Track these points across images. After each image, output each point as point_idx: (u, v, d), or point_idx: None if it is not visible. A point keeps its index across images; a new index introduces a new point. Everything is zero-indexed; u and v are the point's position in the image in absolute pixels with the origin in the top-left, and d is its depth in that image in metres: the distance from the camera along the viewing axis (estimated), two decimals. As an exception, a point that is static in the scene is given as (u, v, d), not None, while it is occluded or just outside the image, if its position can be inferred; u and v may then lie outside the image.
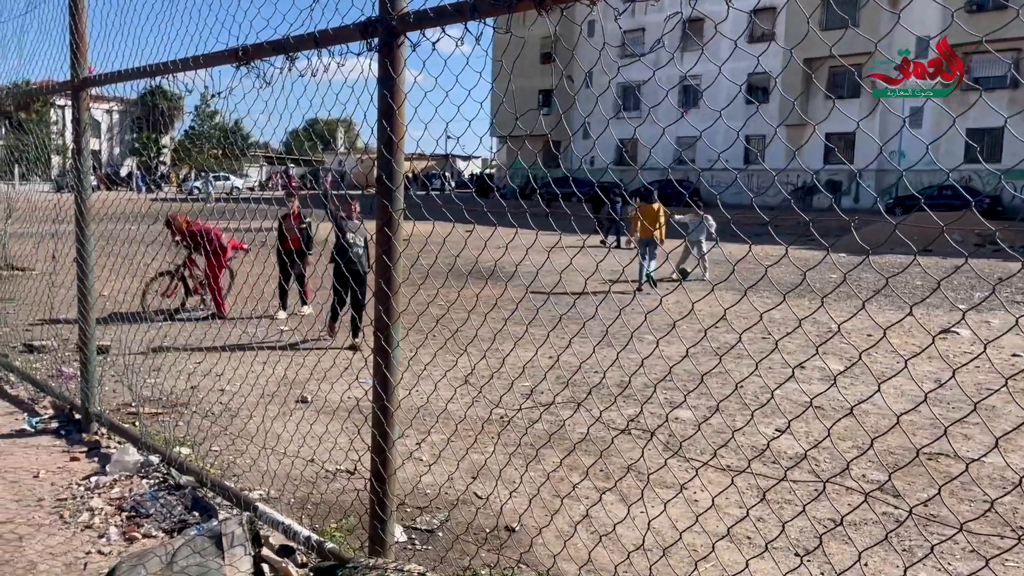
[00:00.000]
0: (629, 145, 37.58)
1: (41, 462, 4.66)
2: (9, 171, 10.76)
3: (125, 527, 3.81)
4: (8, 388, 6.17)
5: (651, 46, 4.80)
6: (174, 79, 4.44)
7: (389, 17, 2.90)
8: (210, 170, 37.94)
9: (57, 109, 28.48)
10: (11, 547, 3.59)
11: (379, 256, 3.09)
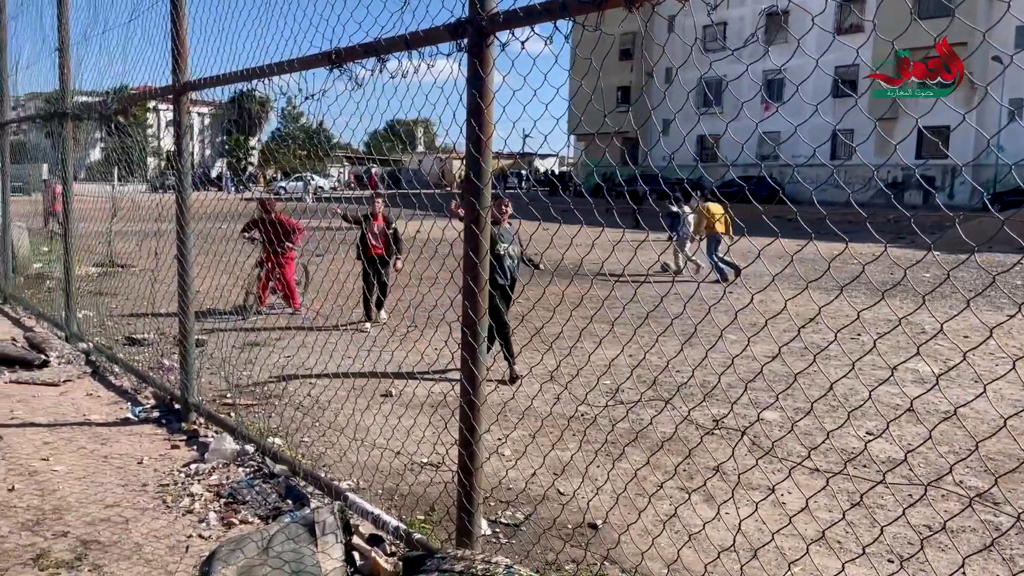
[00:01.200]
0: (711, 142, 36.96)
1: (144, 449, 4.91)
2: (109, 173, 11.33)
3: (223, 512, 3.98)
4: (113, 379, 6.50)
5: (746, 40, 4.80)
6: (269, 82, 4.60)
7: (479, 17, 2.94)
8: (295, 171, 39.06)
9: (152, 113, 29.74)
10: (118, 529, 3.79)
11: (466, 252, 3.14)
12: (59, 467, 4.55)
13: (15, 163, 11.97)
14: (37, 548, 3.56)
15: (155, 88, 5.43)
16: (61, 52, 7.10)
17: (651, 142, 34.21)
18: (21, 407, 5.69)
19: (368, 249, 8.99)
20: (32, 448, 4.86)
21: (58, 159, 8.24)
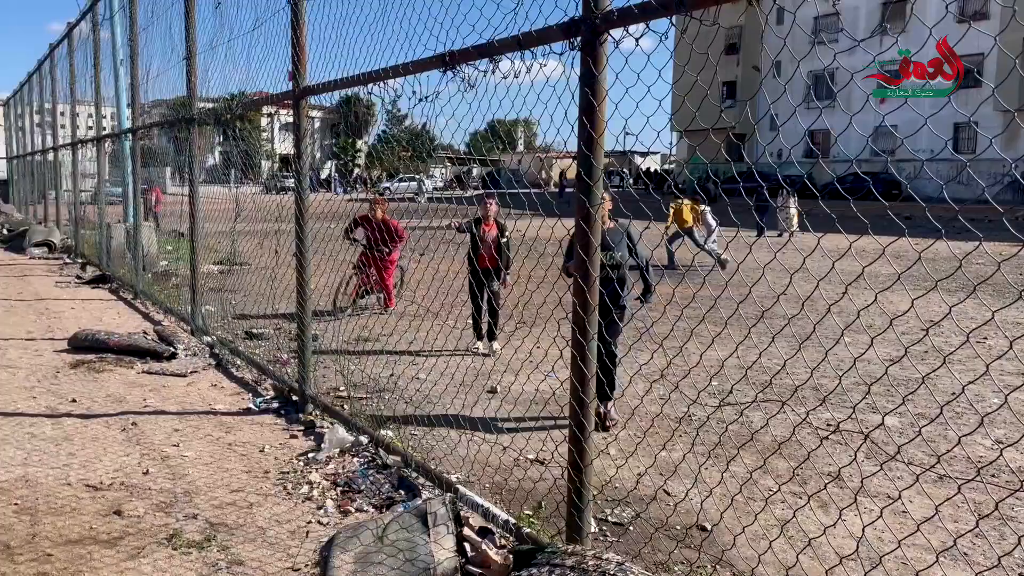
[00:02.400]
0: (820, 136, 35.69)
1: (265, 438, 5.15)
2: (225, 175, 11.92)
3: (339, 501, 4.13)
4: (235, 371, 6.85)
5: (872, 31, 4.51)
6: (384, 86, 4.74)
7: (592, 15, 2.95)
8: (398, 172, 40.04)
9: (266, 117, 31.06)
10: (243, 513, 4.00)
11: (577, 250, 3.15)
12: (188, 453, 4.83)
13: (143, 167, 12.76)
14: (170, 528, 3.79)
15: (271, 94, 5.70)
16: (188, 60, 7.52)
17: (757, 138, 33.30)
18: (153, 396, 6.07)
19: (478, 258, 7.66)
20: (163, 435, 5.18)
21: (184, 162, 8.73)
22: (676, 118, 3.26)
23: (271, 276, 6.69)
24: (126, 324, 8.82)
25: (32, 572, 3.35)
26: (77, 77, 14.74)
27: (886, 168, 29.32)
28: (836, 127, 28.46)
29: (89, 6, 12.48)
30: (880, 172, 27.71)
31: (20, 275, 13.26)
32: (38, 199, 23.13)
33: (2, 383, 6.30)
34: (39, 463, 4.62)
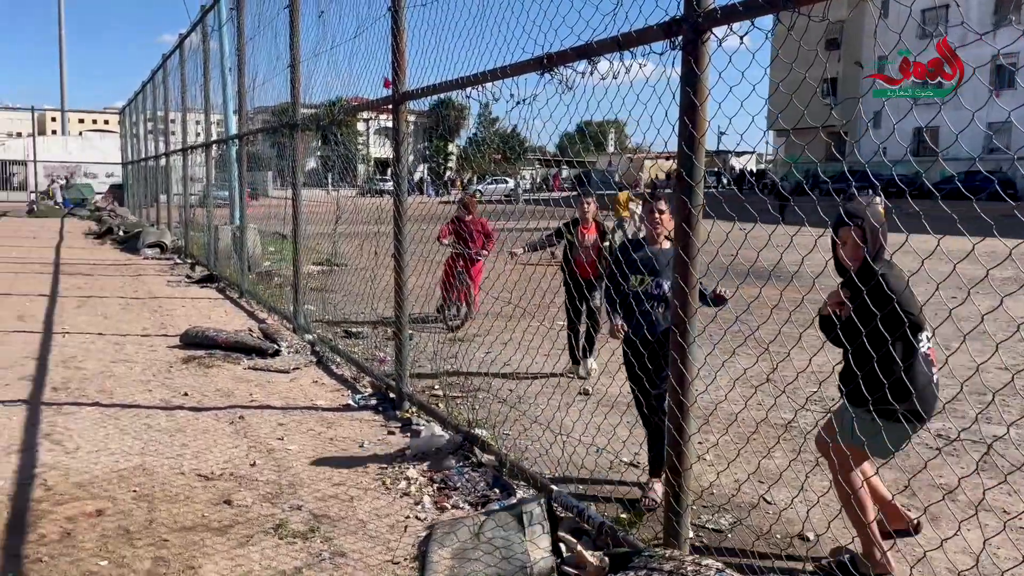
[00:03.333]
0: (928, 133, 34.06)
1: (364, 434, 5.29)
2: (324, 179, 12.29)
3: (436, 497, 4.21)
4: (335, 368, 7.06)
5: (997, 22, 4.17)
6: (481, 89, 4.80)
7: (695, 14, 2.92)
8: (488, 174, 40.44)
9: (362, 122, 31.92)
10: (344, 506, 4.12)
11: (678, 252, 3.12)
12: (292, 446, 5.02)
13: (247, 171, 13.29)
14: (276, 518, 3.94)
15: (371, 99, 5.86)
16: (292, 68, 7.81)
17: (859, 135, 32.09)
18: (258, 391, 6.32)
19: (574, 269, 6.59)
20: (269, 428, 5.39)
21: (287, 167, 9.06)
22: (773, 117, 3.18)
23: (371, 277, 6.87)
24: (233, 322, 9.22)
25: (150, 556, 3.54)
26: (188, 85, 15.50)
27: (999, 166, 27.80)
28: (944, 123, 27.06)
29: (200, 17, 13.11)
30: (994, 171, 26.28)
31: (135, 274, 14.03)
32: (150, 202, 24.41)
33: (121, 376, 6.69)
34: (155, 452, 4.88)
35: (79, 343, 7.95)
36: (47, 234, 23.41)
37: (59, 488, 4.30)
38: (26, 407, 5.77)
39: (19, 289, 11.68)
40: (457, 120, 35.83)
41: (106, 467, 4.61)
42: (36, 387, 6.32)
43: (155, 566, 3.44)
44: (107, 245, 20.04)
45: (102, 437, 5.14)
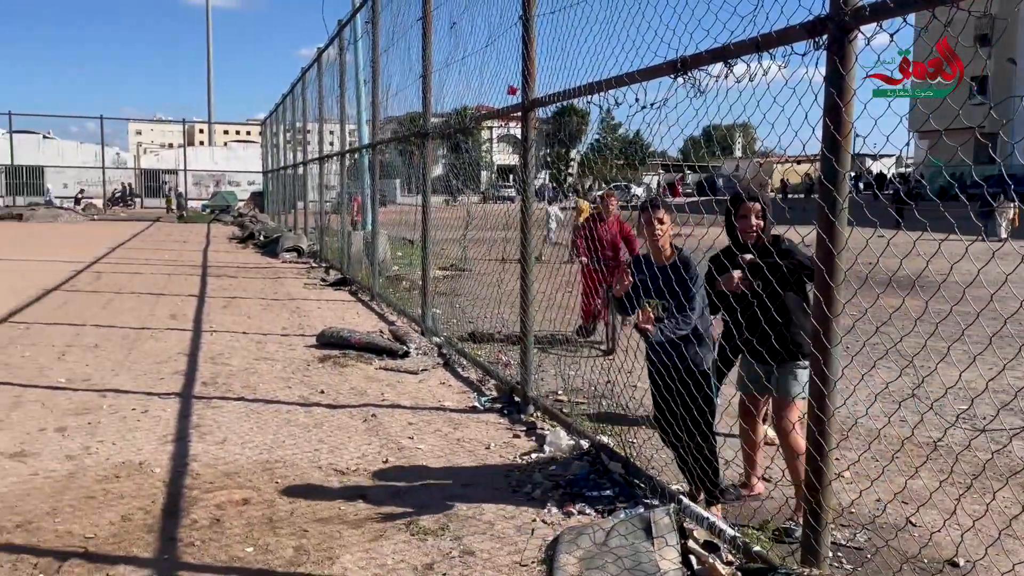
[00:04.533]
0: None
1: (490, 436, 5.37)
2: (447, 186, 12.57)
3: (562, 502, 4.22)
4: (460, 370, 7.21)
5: None
6: (605, 95, 4.79)
7: (841, 12, 2.81)
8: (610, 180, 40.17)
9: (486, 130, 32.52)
10: (473, 506, 4.19)
11: (818, 263, 3.00)
12: (422, 446, 5.16)
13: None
14: (407, 515, 4.06)
15: (500, 108, 5.95)
16: (424, 79, 8.04)
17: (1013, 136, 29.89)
18: (389, 391, 6.53)
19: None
20: (399, 427, 5.56)
21: (415, 174, 9.34)
22: (915, 118, 3.02)
23: (498, 282, 6.98)
24: (364, 323, 9.57)
25: (292, 545, 3.72)
26: (324, 97, 16.25)
27: None
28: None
29: (337, 32, 13.71)
30: None
31: (274, 277, 14.81)
32: (288, 209, 25.72)
33: (263, 373, 7.07)
34: (294, 446, 5.13)
35: (225, 341, 8.47)
36: (196, 238, 25.07)
37: (208, 476, 4.59)
38: (179, 400, 6.20)
39: (172, 289, 12.56)
40: (579, 126, 35.83)
41: (251, 458, 4.89)
42: (187, 382, 6.77)
43: (296, 554, 3.62)
44: (249, 249, 21.25)
45: (247, 430, 5.45)
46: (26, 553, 3.59)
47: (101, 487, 4.39)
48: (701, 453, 3.95)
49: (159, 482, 4.50)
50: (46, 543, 3.70)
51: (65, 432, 5.32)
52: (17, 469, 4.64)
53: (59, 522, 3.93)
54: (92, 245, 20.88)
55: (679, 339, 4.03)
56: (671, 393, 4.02)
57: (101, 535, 3.79)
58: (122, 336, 8.59)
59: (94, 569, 3.46)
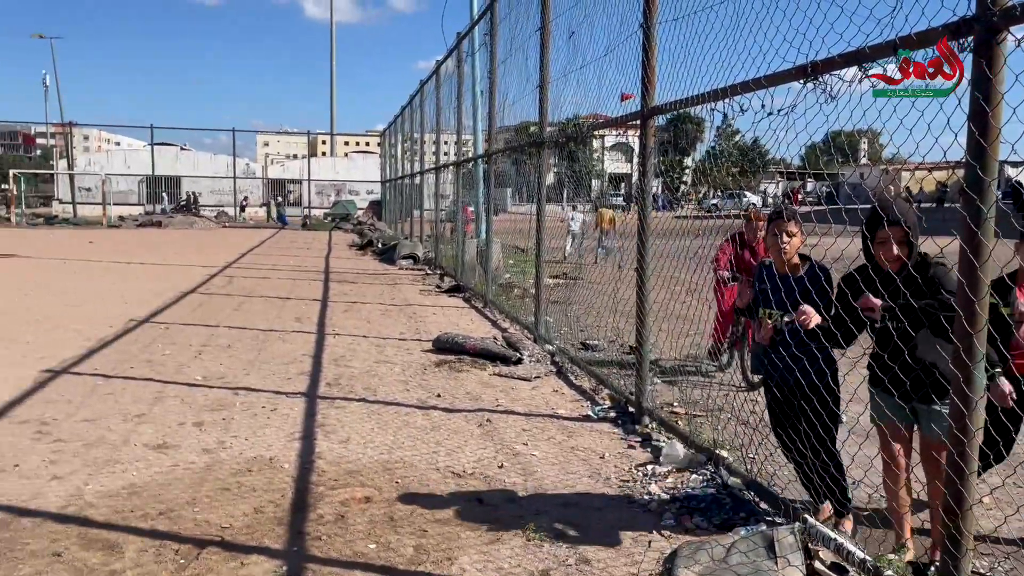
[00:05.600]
0: None
1: (604, 446, 5.35)
2: (559, 194, 12.60)
3: (678, 515, 4.15)
4: (573, 378, 7.22)
5: None
6: (729, 102, 4.70)
7: (989, 13, 2.67)
8: (726, 188, 39.26)
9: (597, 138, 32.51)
10: (588, 515, 4.19)
11: (960, 281, 2.84)
12: (536, 452, 5.19)
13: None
14: (523, 520, 4.09)
15: (610, 116, 5.94)
16: (541, 88, 8.12)
17: None
18: (503, 396, 6.61)
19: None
20: (514, 433, 5.62)
21: (529, 183, 9.41)
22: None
23: (613, 291, 6.95)
24: (478, 330, 9.72)
25: (412, 544, 3.82)
26: (442, 108, 16.64)
27: None
28: None
29: (455, 44, 14.03)
30: None
31: (392, 283, 15.26)
32: (404, 217, 26.45)
33: (383, 376, 7.30)
34: (412, 448, 5.27)
35: (346, 344, 8.79)
36: (318, 245, 26.14)
37: (332, 474, 4.78)
38: (305, 399, 6.47)
39: (297, 294, 13.14)
40: (695, 133, 35.23)
41: (372, 458, 5.05)
42: (312, 382, 7.06)
43: (417, 553, 3.72)
44: (367, 256, 21.98)
45: (368, 430, 5.64)
46: (169, 539, 3.83)
47: (235, 480, 4.64)
48: (827, 471, 3.80)
49: (288, 477, 4.71)
50: (186, 530, 3.94)
51: (202, 427, 5.65)
52: (160, 460, 4.97)
53: (197, 511, 4.18)
54: (224, 250, 22.12)
55: (802, 352, 3.89)
56: (792, 408, 3.89)
57: (236, 525, 4.00)
58: (252, 337, 9.05)
59: (229, 557, 3.66)
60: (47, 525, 3.97)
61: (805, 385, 3.87)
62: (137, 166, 49.89)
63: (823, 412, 3.81)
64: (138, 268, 17.23)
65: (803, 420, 3.83)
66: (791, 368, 3.89)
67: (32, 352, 8.05)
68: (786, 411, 3.92)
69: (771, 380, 4.07)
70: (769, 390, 4.11)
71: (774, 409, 4.08)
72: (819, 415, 3.80)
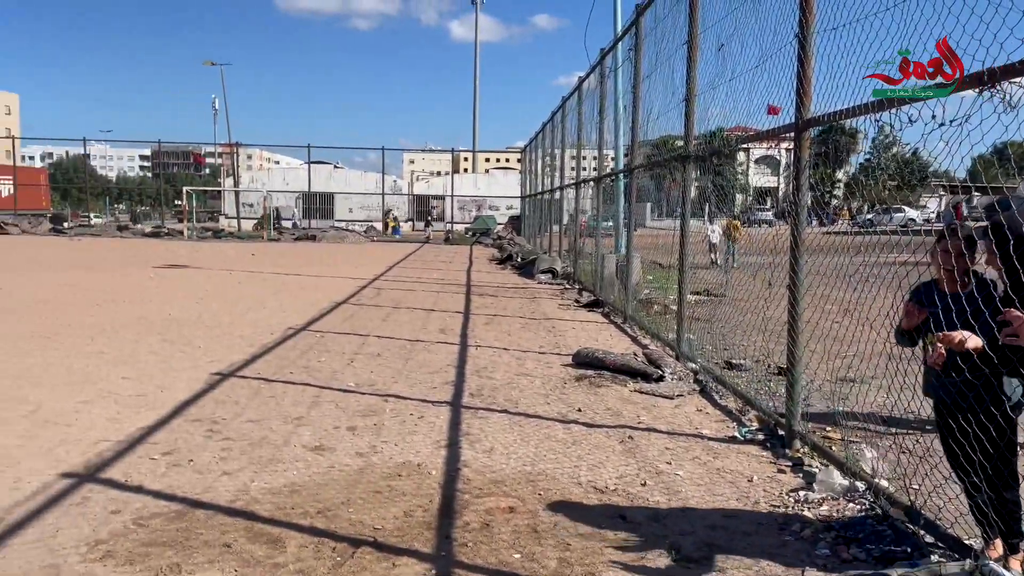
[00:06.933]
0: None
1: (752, 468, 5.18)
2: (700, 210, 12.30)
3: (834, 546, 3.96)
4: (718, 398, 7.04)
5: None
6: (896, 111, 4.47)
7: None
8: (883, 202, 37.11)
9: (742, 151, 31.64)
10: (736, 539, 4.07)
11: None
12: (680, 472, 5.10)
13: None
14: (667, 540, 4.02)
15: (755, 129, 5.75)
16: (687, 102, 8.01)
17: None
18: (644, 414, 6.54)
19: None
20: (656, 451, 5.54)
21: (672, 198, 9.27)
22: None
23: (762, 308, 6.73)
24: (617, 345, 9.67)
25: (555, 556, 3.84)
26: (584, 123, 16.74)
27: None
28: None
29: (599, 60, 14.09)
30: None
31: (531, 297, 15.43)
32: (542, 232, 26.72)
33: (524, 388, 7.39)
34: (554, 461, 5.30)
35: (488, 356, 8.96)
36: (459, 259, 26.84)
37: (477, 483, 4.88)
38: (449, 408, 6.65)
39: (440, 306, 13.54)
40: (848, 146, 33.59)
41: (515, 469, 5.12)
42: (456, 392, 7.25)
43: (560, 566, 3.73)
44: (507, 270, 22.35)
45: (510, 441, 5.72)
46: (326, 537, 4.04)
47: (386, 483, 4.83)
48: (1004, 507, 3.51)
49: (435, 483, 4.85)
50: (342, 529, 4.14)
51: (355, 431, 5.92)
52: (317, 461, 5.24)
53: (352, 512, 4.37)
54: (372, 264, 23.12)
55: (976, 376, 3.61)
56: (966, 437, 3.62)
57: (387, 527, 4.16)
58: (399, 347, 9.40)
59: (382, 558, 3.81)
60: (218, 517, 4.27)
61: (980, 412, 3.58)
62: (295, 183, 53.09)
63: (998, 441, 3.53)
64: (294, 279, 18.29)
65: (977, 449, 3.55)
66: (964, 393, 3.63)
67: (204, 356, 8.70)
68: (958, 438, 3.65)
69: (942, 406, 3.81)
70: (940, 415, 3.84)
71: (945, 436, 3.82)
72: (994, 443, 3.52)
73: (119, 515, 4.26)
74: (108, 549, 3.85)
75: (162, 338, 9.78)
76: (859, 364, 7.87)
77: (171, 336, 9.93)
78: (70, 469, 5.00)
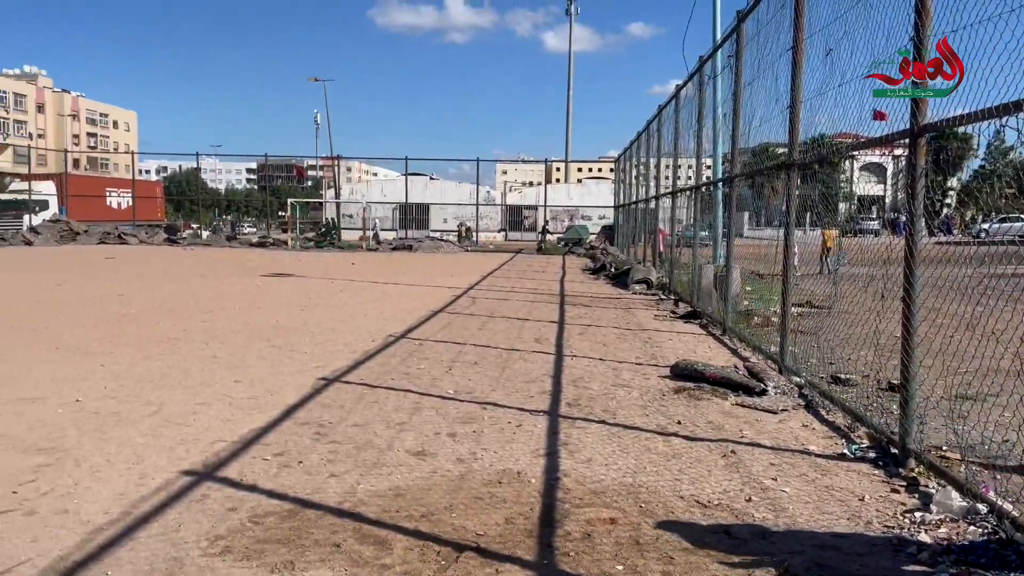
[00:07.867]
0: None
1: (863, 487, 4.99)
2: (800, 219, 11.92)
3: (953, 569, 3.77)
4: (824, 413, 6.81)
5: None
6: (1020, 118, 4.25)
7: None
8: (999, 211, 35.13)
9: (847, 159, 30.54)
10: (849, 560, 3.92)
11: None
12: (786, 488, 4.95)
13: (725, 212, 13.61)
14: (774, 558, 3.91)
15: (860, 136, 5.54)
16: (792, 109, 7.81)
17: None
18: (747, 428, 6.39)
19: None
20: (760, 467, 5.40)
21: (772, 207, 9.04)
22: None
23: (874, 322, 6.49)
24: (716, 358, 9.48)
25: (659, 570, 3.80)
26: (681, 132, 16.53)
27: None
28: None
29: (697, 67, 13.90)
30: None
31: (625, 308, 15.31)
32: (636, 241, 26.49)
33: (621, 399, 7.34)
34: (654, 473, 5.24)
35: (584, 366, 8.94)
36: (552, 269, 26.90)
37: (577, 492, 4.87)
38: (547, 417, 6.67)
39: (534, 316, 13.60)
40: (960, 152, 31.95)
41: (614, 480, 5.09)
42: (553, 401, 7.26)
43: (664, 580, 3.69)
44: (600, 280, 22.26)
45: (609, 452, 5.69)
46: (431, 540, 4.11)
47: (487, 490, 4.88)
48: None
49: (535, 492, 4.88)
50: (445, 534, 4.20)
51: (455, 437, 6.01)
52: (420, 466, 5.35)
53: (454, 517, 4.44)
54: (466, 273, 23.45)
55: None
56: None
57: (489, 533, 4.21)
58: (496, 355, 9.49)
59: (485, 563, 3.85)
60: (327, 518, 4.41)
61: None
62: (393, 194, 54.40)
63: None
64: (392, 288, 18.73)
65: None
66: None
67: (310, 362, 9.01)
68: None
69: None
70: None
71: None
72: None
73: (236, 512, 4.46)
74: (226, 545, 4.03)
75: (270, 343, 10.19)
76: (979, 381, 7.49)
77: (278, 342, 10.33)
78: (190, 467, 5.27)
